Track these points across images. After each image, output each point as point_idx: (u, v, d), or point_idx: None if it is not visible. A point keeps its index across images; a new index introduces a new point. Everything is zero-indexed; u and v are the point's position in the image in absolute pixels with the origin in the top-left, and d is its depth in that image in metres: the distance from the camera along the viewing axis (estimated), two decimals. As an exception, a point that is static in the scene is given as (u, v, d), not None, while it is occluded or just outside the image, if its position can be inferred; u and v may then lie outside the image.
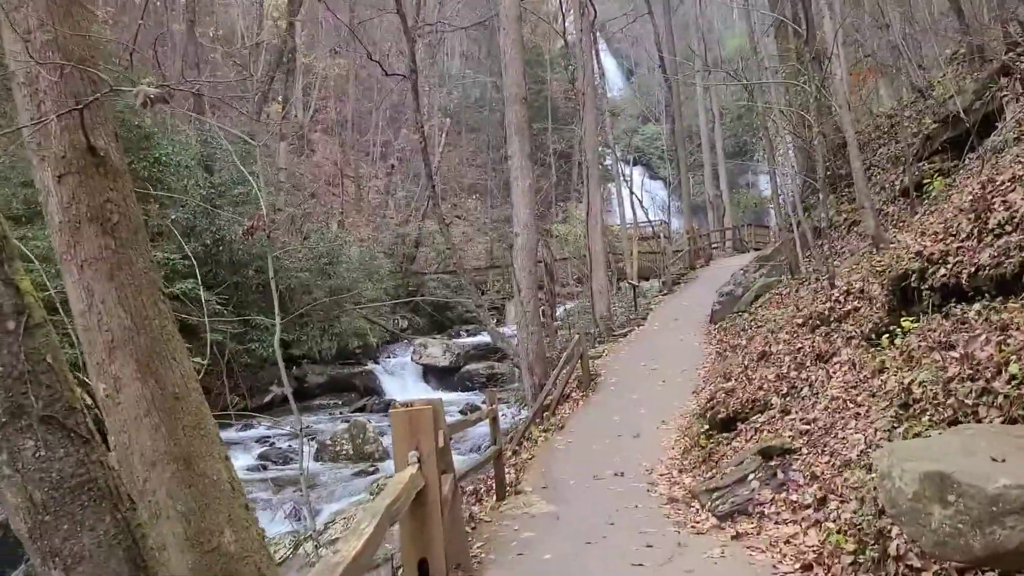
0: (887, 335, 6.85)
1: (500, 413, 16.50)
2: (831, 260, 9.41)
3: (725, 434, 7.99)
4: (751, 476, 6.08)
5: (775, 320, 10.17)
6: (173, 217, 21.81)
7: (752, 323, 12.78)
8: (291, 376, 23.97)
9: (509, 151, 13.54)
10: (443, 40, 51.33)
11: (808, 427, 6.29)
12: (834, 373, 7.31)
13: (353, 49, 43.68)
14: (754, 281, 14.90)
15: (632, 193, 30.04)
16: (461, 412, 19.95)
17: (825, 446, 5.74)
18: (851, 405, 6.14)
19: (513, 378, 21.83)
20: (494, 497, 7.68)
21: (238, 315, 23.32)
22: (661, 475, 8.01)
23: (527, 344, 12.71)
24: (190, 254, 19.51)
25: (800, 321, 8.95)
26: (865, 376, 6.48)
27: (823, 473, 5.41)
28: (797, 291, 12.25)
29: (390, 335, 29.71)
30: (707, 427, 8.37)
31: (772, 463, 6.01)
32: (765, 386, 8.06)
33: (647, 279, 26.18)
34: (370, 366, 26.67)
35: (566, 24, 32.40)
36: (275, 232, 22.80)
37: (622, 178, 33.45)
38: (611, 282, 21.54)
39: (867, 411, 5.81)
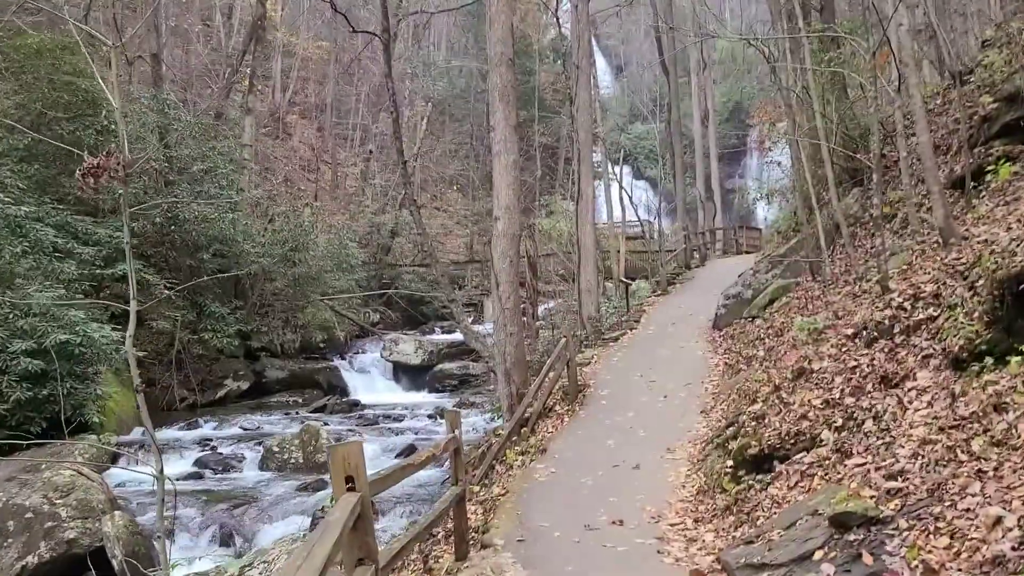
0: (992, 356, 5.04)
1: (470, 426, 14.58)
2: (883, 257, 7.63)
3: (758, 476, 6.13)
4: (818, 553, 4.22)
5: (806, 329, 8.39)
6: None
7: (769, 331, 10.97)
8: (249, 370, 21.99)
9: (492, 121, 11.63)
10: (429, 25, 49.45)
11: (897, 484, 4.43)
12: (910, 403, 5.48)
13: (335, 27, 41.71)
14: (767, 282, 13.11)
15: (622, 188, 28.43)
16: (430, 416, 18.10)
17: (939, 519, 3.88)
18: (962, 455, 4.30)
19: (490, 380, 20.03)
20: (451, 551, 5.78)
21: (192, 302, 21.35)
22: (672, 525, 6.14)
23: (505, 346, 10.81)
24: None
25: (851, 332, 7.11)
26: (972, 413, 4.64)
27: (944, 566, 3.56)
28: (824, 295, 10.46)
29: (360, 329, 27.81)
30: (731, 464, 6.51)
31: (851, 537, 4.15)
32: (810, 415, 6.20)
33: (634, 279, 24.47)
34: (336, 362, 24.74)
35: (558, 13, 30.74)
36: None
37: (610, 175, 31.83)
38: (600, 280, 19.73)
39: (997, 468, 3.97)
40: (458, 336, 23.95)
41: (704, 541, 5.69)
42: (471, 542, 5.84)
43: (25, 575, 8.97)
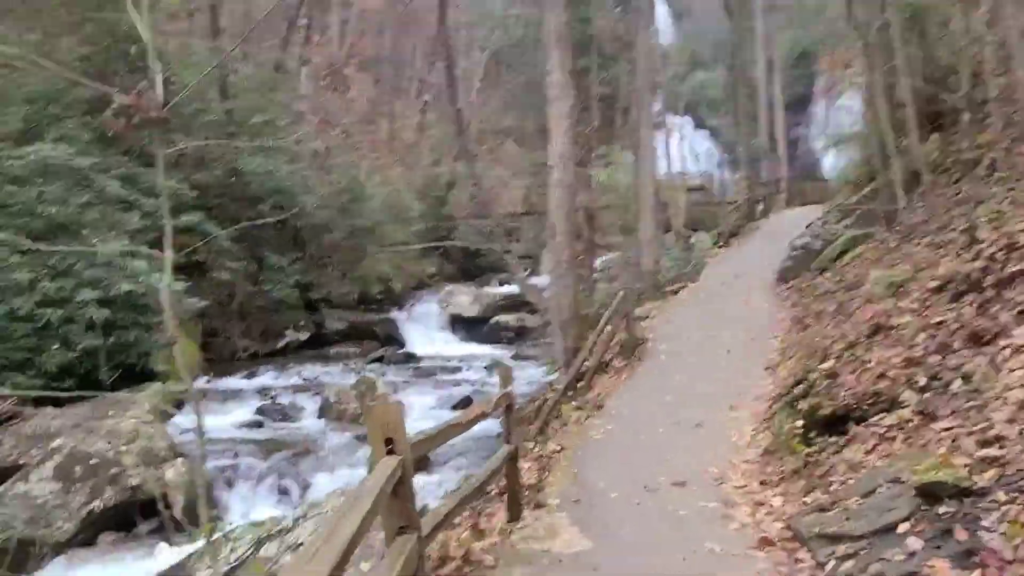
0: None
1: (527, 379, 14.36)
2: (971, 204, 7.06)
3: (831, 438, 5.75)
4: (903, 526, 3.88)
5: (883, 282, 7.87)
6: (181, 144, 19.89)
7: (840, 284, 10.42)
8: (310, 321, 22.23)
9: (547, 66, 11.16)
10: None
11: (993, 451, 4.03)
12: (1004, 362, 5.02)
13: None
14: (837, 233, 12.48)
15: (683, 138, 27.62)
16: (486, 368, 18.01)
17: (1043, 493, 3.49)
18: (1070, 422, 3.87)
19: (546, 332, 19.87)
20: (504, 512, 5.58)
21: (252, 254, 21.61)
22: (737, 488, 5.84)
23: (560, 299, 10.54)
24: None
25: (934, 285, 6.60)
26: (1080, 375, 4.18)
27: (1052, 546, 3.19)
28: (900, 246, 9.84)
29: (417, 281, 27.84)
30: (801, 424, 6.14)
31: (941, 510, 3.79)
32: (890, 374, 5.77)
33: (695, 231, 23.84)
34: (393, 314, 24.83)
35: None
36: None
37: (670, 124, 30.97)
38: (659, 232, 19.19)
39: (1114, 439, 3.54)
40: (515, 288, 23.80)
41: (772, 506, 5.38)
42: (525, 501, 5.66)
43: (92, 519, 9.21)
